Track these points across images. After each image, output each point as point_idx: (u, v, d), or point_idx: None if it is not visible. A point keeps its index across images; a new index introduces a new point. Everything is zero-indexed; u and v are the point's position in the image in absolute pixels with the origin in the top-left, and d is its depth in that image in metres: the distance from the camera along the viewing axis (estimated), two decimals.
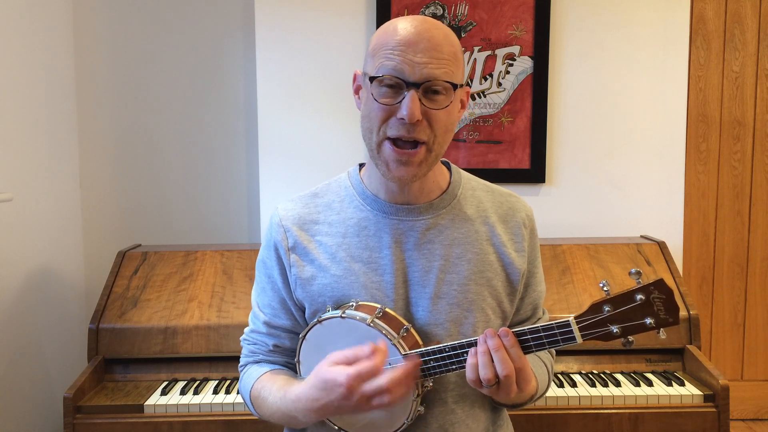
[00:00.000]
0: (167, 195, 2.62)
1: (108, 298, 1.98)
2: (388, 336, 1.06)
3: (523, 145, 2.37)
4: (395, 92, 1.06)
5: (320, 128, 2.37)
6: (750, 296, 2.79)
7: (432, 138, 1.07)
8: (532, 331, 1.01)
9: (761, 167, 2.74)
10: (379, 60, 1.06)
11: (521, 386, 1.03)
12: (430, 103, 1.06)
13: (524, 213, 1.22)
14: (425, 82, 1.04)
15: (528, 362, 1.03)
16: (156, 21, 2.56)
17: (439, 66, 1.05)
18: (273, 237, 1.19)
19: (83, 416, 1.72)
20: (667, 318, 0.94)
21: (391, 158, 1.08)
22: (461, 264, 1.14)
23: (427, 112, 1.06)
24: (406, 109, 1.03)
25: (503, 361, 1.00)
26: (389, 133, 1.07)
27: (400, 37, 1.05)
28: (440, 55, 1.05)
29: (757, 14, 2.67)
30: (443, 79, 1.05)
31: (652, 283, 0.94)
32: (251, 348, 1.24)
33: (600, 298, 0.97)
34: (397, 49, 1.04)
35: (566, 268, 2.08)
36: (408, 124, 1.04)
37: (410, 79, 1.04)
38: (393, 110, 1.06)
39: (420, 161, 1.08)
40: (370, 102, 1.08)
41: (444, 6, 2.32)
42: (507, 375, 1.00)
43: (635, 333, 0.96)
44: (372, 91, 1.07)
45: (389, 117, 1.06)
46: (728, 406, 1.72)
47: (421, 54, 1.04)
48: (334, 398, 1.01)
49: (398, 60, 1.04)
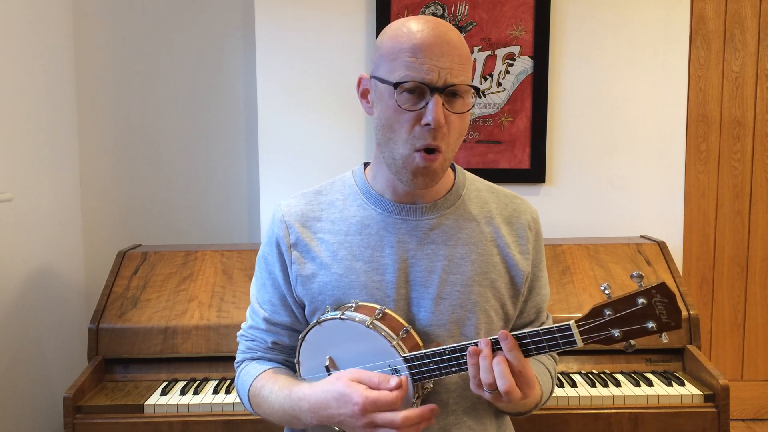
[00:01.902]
0: (167, 195, 2.62)
1: (108, 298, 1.98)
2: (388, 338, 1.05)
3: (523, 145, 2.37)
4: (417, 98, 1.05)
5: (320, 128, 2.37)
6: (750, 296, 2.79)
7: (447, 143, 1.07)
8: (532, 335, 0.99)
9: (761, 167, 2.74)
10: (399, 64, 1.04)
11: (524, 391, 1.00)
12: (450, 107, 1.05)
13: (529, 215, 1.21)
14: (448, 86, 1.03)
15: (529, 365, 1.01)
16: (156, 21, 2.56)
17: (461, 71, 1.04)
18: (275, 233, 1.18)
19: (83, 416, 1.72)
20: (669, 322, 0.93)
21: (418, 170, 1.07)
22: (465, 265, 1.14)
23: (448, 116, 1.05)
24: (432, 114, 1.02)
25: (501, 363, 0.98)
26: (417, 144, 1.05)
27: (418, 40, 1.03)
28: (460, 60, 1.04)
29: (757, 14, 2.67)
30: (466, 83, 1.05)
31: (654, 287, 0.93)
32: (249, 344, 1.23)
33: (601, 302, 0.96)
34: (420, 55, 1.03)
35: (566, 268, 2.08)
36: (433, 130, 1.04)
37: (436, 85, 1.03)
38: (417, 117, 1.05)
39: (438, 169, 1.08)
40: (393, 110, 1.06)
41: (444, 6, 2.32)
42: (506, 379, 0.98)
43: (637, 337, 0.95)
44: (396, 98, 1.05)
45: (414, 125, 1.05)
46: (728, 406, 1.72)
47: (443, 58, 1.03)
48: (344, 412, 1.01)
49: (424, 67, 1.02)
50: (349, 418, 1.01)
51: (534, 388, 1.03)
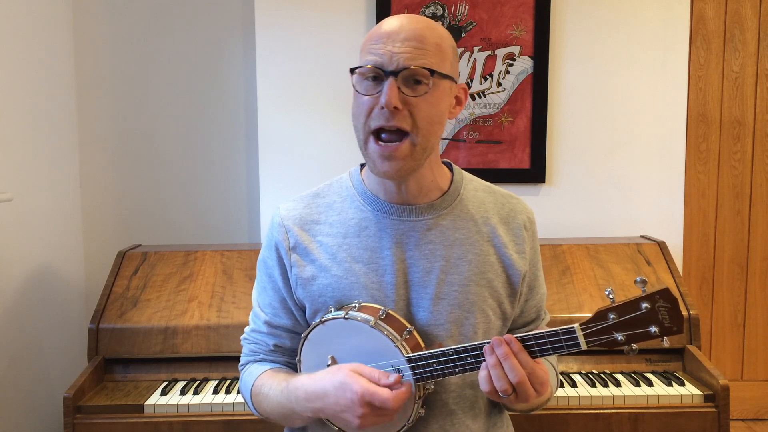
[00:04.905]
0: (167, 195, 2.62)
1: (108, 298, 1.98)
2: (391, 338, 1.06)
3: (523, 145, 2.37)
4: (377, 84, 1.07)
5: (320, 128, 2.37)
6: (750, 296, 2.79)
7: (415, 129, 1.07)
8: (536, 337, 1.00)
9: (761, 167, 2.74)
10: (364, 54, 1.09)
11: (537, 389, 1.01)
12: (410, 92, 1.06)
13: (525, 215, 1.22)
14: (402, 69, 1.05)
15: (538, 365, 1.02)
16: (156, 21, 2.56)
17: (420, 55, 1.05)
18: (274, 237, 1.19)
19: (83, 416, 1.72)
20: (672, 326, 0.95)
21: (375, 154, 1.08)
22: (462, 265, 1.14)
23: (408, 100, 1.06)
24: (384, 96, 1.04)
25: (514, 368, 0.99)
26: (372, 124, 1.07)
27: (383, 30, 1.07)
28: (421, 45, 1.06)
29: (757, 14, 2.67)
30: (421, 66, 1.05)
31: (657, 292, 0.94)
32: (252, 347, 1.24)
33: (605, 306, 0.98)
34: (379, 42, 1.06)
35: (566, 268, 2.08)
36: (387, 112, 1.05)
37: (388, 68, 1.05)
38: (375, 102, 1.07)
39: (404, 155, 1.07)
40: (355, 96, 1.10)
41: (444, 6, 2.32)
42: (520, 381, 0.99)
43: (640, 341, 0.97)
44: (354, 83, 1.08)
45: (372, 110, 1.07)
46: (728, 406, 1.72)
47: (399, 44, 1.05)
48: (342, 402, 1.02)
49: (378, 51, 1.06)
50: (346, 407, 1.02)
51: (546, 386, 1.03)
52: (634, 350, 0.97)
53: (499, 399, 1.04)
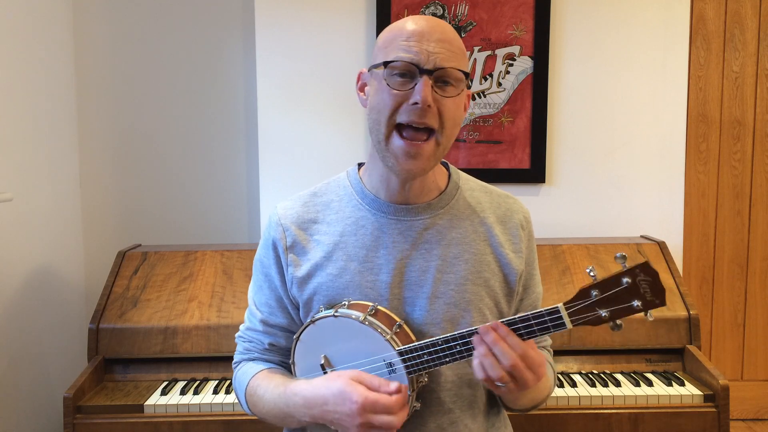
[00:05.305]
0: (167, 195, 2.62)
1: (108, 298, 1.98)
2: (381, 332, 1.07)
3: (523, 145, 2.37)
4: (407, 81, 1.07)
5: (320, 128, 2.37)
6: (750, 296, 2.79)
7: (440, 128, 1.08)
8: (522, 320, 1.01)
9: (761, 167, 2.74)
10: (392, 50, 1.08)
11: (535, 371, 1.00)
12: (441, 92, 1.07)
13: (522, 215, 1.23)
14: (438, 69, 1.06)
15: (530, 346, 1.01)
16: (156, 21, 2.56)
17: (452, 57, 1.07)
18: (272, 235, 1.19)
19: (83, 416, 1.72)
20: (654, 300, 0.95)
21: (400, 150, 1.08)
22: (458, 264, 1.15)
23: (438, 99, 1.07)
24: (420, 93, 1.05)
25: (505, 353, 0.98)
26: (399, 119, 1.07)
27: (413, 29, 1.08)
28: (452, 47, 1.07)
29: (757, 14, 2.67)
30: (456, 68, 1.07)
31: (637, 266, 0.95)
32: (246, 345, 1.25)
33: (587, 283, 0.98)
34: (412, 39, 1.07)
35: (566, 268, 2.08)
36: (420, 109, 1.05)
37: (425, 66, 1.05)
38: (404, 97, 1.07)
39: (429, 154, 1.09)
40: (381, 91, 1.09)
41: (444, 6, 2.32)
42: (513, 365, 0.98)
43: (624, 316, 0.97)
44: (385, 77, 1.08)
45: (400, 105, 1.07)
46: (728, 406, 1.72)
47: (434, 44, 1.06)
48: (341, 410, 1.02)
49: (414, 50, 1.06)
50: (345, 417, 1.02)
51: (543, 367, 1.03)
52: (619, 326, 0.98)
53: (499, 390, 1.03)
